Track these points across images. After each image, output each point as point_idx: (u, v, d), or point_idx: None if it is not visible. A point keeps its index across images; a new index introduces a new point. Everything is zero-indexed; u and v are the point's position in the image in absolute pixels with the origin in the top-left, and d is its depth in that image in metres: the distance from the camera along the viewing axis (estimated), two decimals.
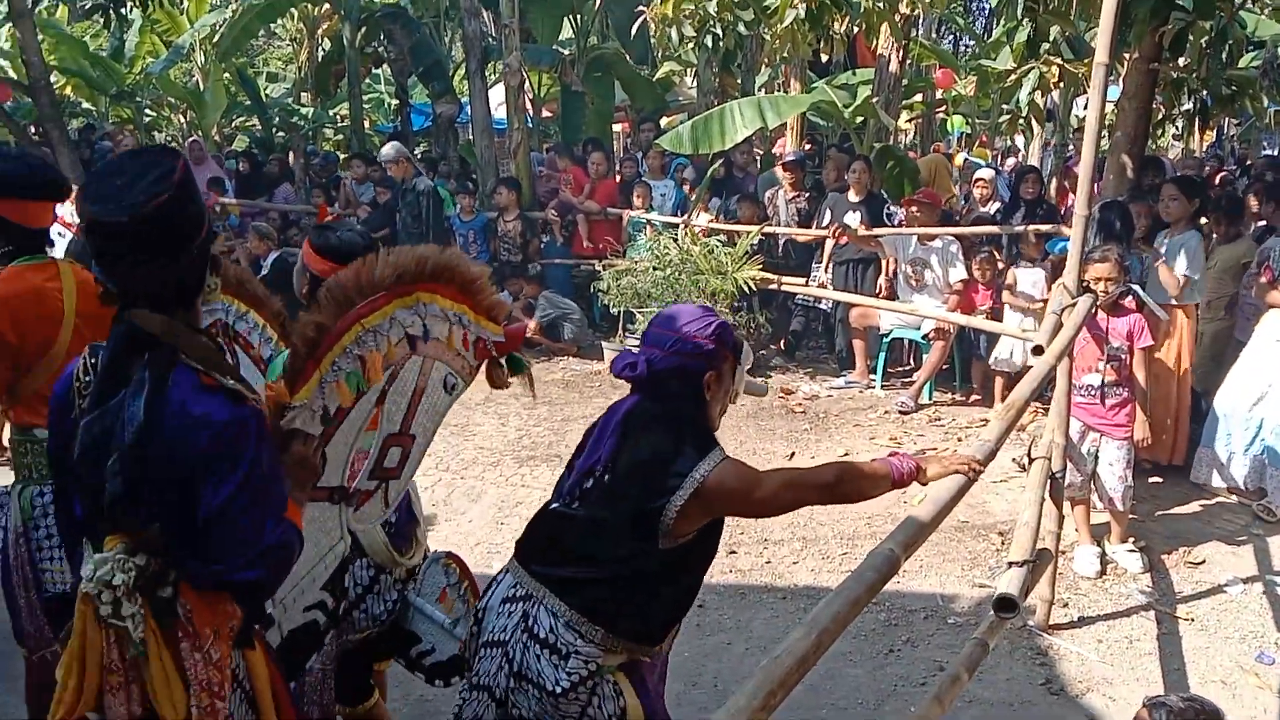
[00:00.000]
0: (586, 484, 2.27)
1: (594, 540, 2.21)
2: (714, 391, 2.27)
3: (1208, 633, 4.19)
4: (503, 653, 2.21)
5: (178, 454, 1.82)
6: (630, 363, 2.25)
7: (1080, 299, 4.02)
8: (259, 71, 22.20)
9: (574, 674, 2.15)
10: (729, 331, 2.30)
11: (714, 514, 2.22)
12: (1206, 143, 16.96)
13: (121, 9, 10.71)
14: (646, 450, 2.20)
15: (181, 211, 1.84)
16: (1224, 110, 7.08)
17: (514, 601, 2.25)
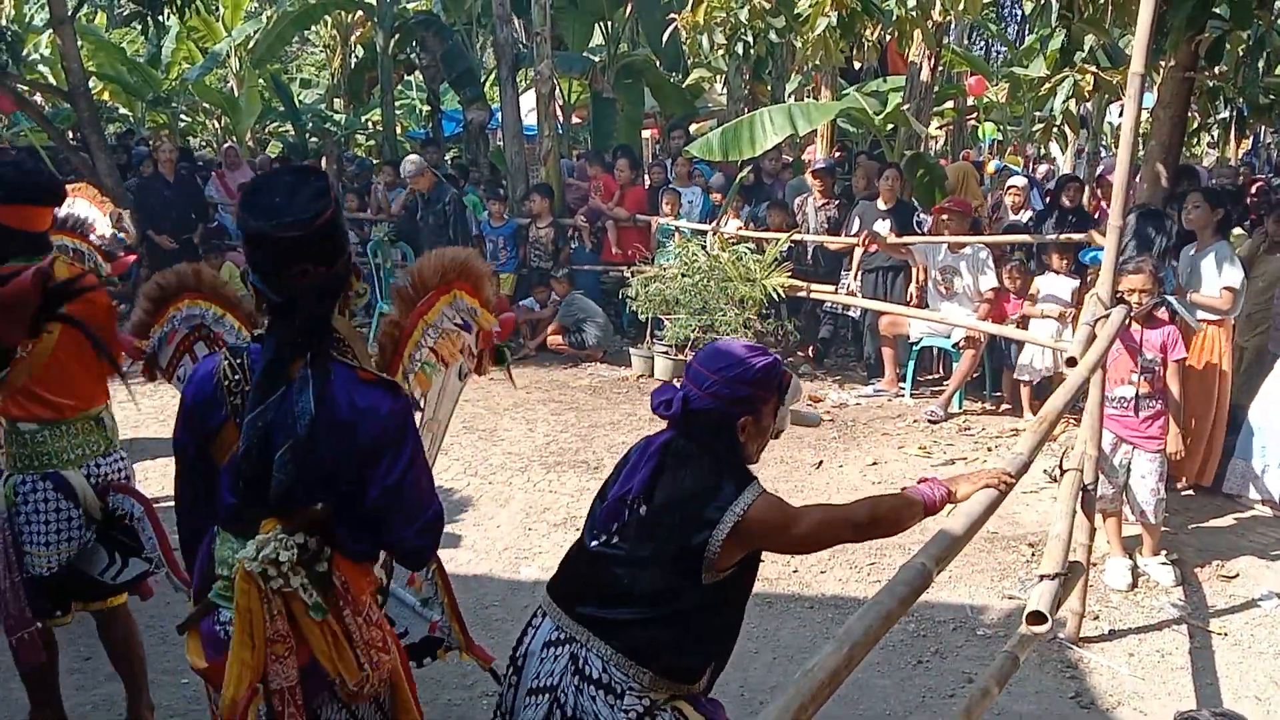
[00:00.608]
0: (623, 515, 2.24)
1: (635, 579, 2.17)
2: (749, 434, 2.22)
3: (1241, 647, 4.14)
4: (552, 698, 2.17)
5: (347, 443, 2.02)
6: (665, 400, 2.23)
7: (1114, 310, 3.98)
8: (293, 78, 22.44)
9: (630, 711, 2.12)
10: (773, 372, 2.23)
11: (752, 548, 2.18)
12: (1242, 151, 16.76)
13: (159, 16, 10.84)
14: (687, 484, 2.17)
15: (338, 223, 2.06)
16: (1261, 119, 7.01)
17: (558, 645, 2.21)
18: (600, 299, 9.48)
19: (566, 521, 5.34)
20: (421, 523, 2.12)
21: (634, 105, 14.15)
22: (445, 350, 2.55)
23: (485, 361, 2.76)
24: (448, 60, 13.73)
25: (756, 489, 2.15)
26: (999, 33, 20.23)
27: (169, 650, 3.99)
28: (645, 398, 7.81)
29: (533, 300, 9.54)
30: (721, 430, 2.19)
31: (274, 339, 2.04)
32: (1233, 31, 5.76)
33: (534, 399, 7.78)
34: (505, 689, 2.31)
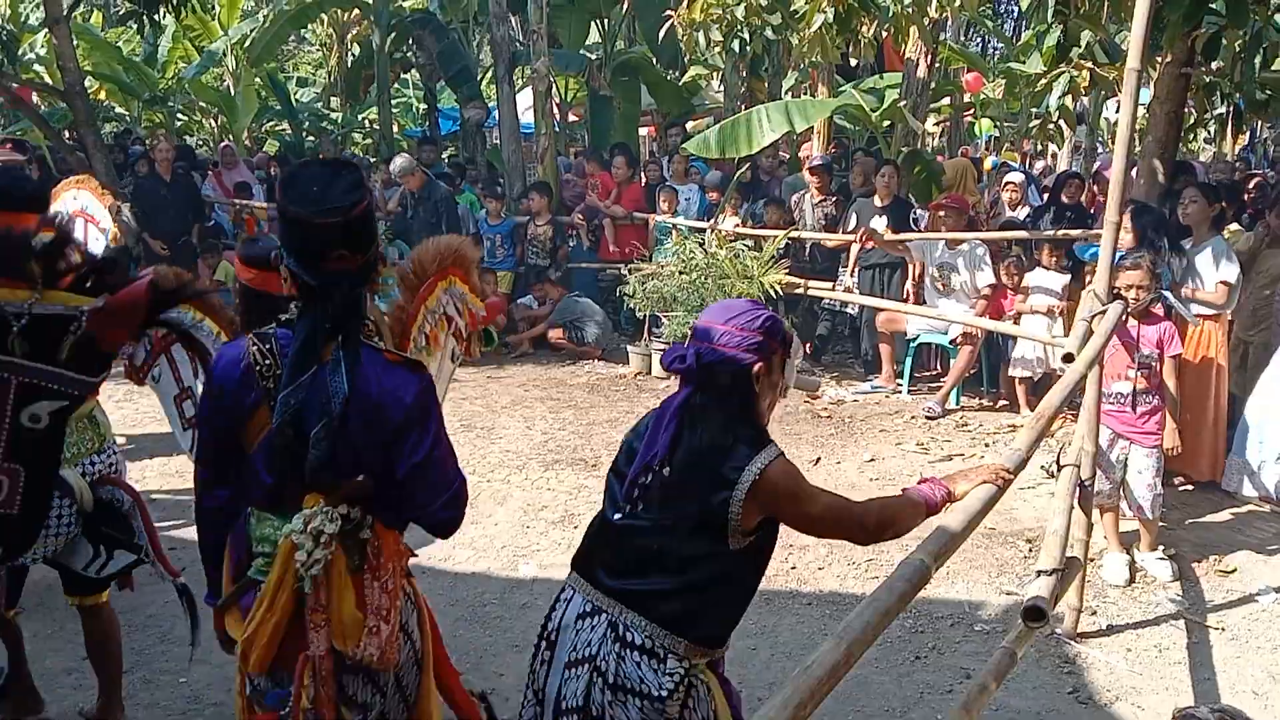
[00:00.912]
0: (645, 480, 2.23)
1: (664, 547, 2.19)
2: (763, 384, 2.24)
3: (1239, 642, 4.15)
4: (592, 668, 2.18)
5: (378, 421, 2.12)
6: (679, 354, 2.23)
7: (1111, 306, 3.99)
8: (289, 76, 22.41)
9: (673, 674, 2.15)
10: (778, 324, 2.29)
11: (769, 512, 2.19)
12: (1238, 146, 16.77)
13: (155, 15, 10.81)
14: (704, 440, 2.19)
15: (372, 213, 2.19)
16: (1257, 114, 7.01)
17: (593, 615, 2.22)
18: (598, 297, 9.48)
19: (564, 519, 5.35)
20: (448, 495, 2.24)
21: (631, 103, 14.15)
22: (437, 334, 2.73)
23: (475, 343, 2.93)
24: (444, 59, 13.73)
25: (774, 450, 2.19)
26: (995, 29, 20.22)
27: (168, 650, 4.00)
28: (643, 395, 7.85)
29: (531, 298, 9.54)
30: (736, 381, 2.21)
31: (308, 321, 2.13)
32: (1229, 27, 5.75)
33: (532, 397, 7.78)
34: (538, 665, 2.32)
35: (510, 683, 3.80)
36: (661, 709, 2.14)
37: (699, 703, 2.20)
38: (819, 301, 8.50)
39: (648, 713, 2.14)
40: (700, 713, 2.20)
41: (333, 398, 2.08)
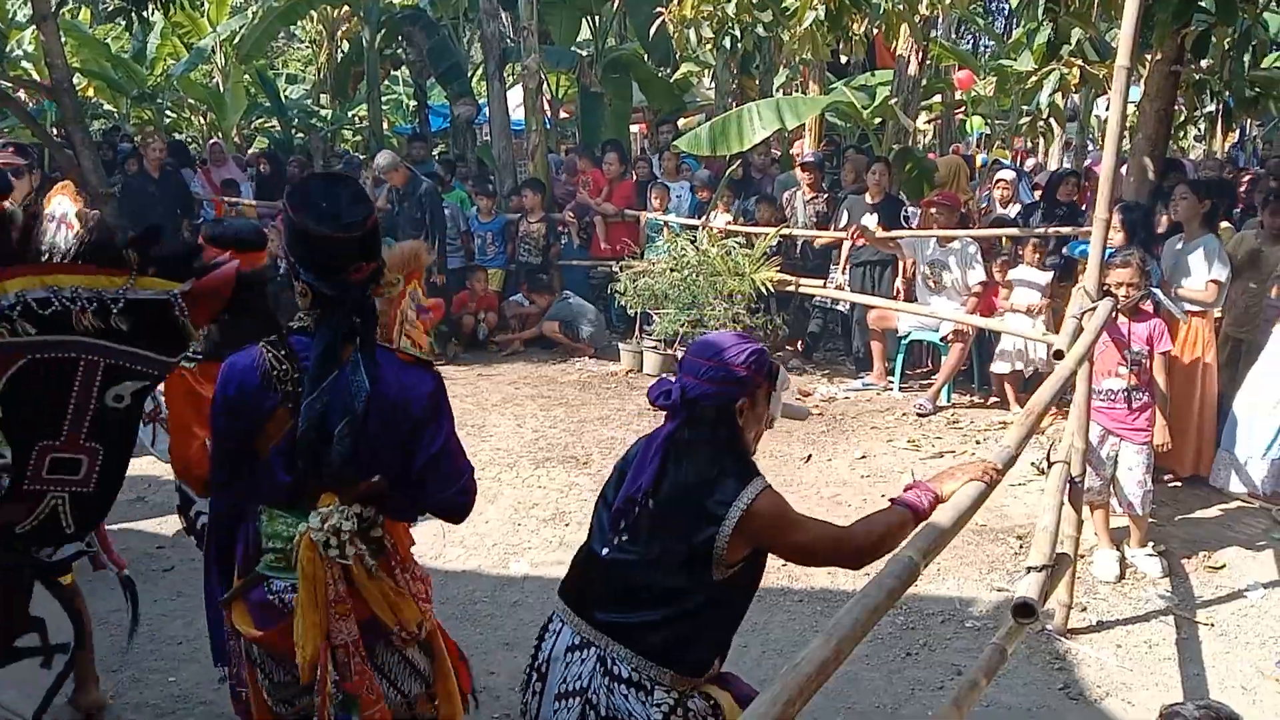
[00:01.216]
0: (632, 513, 2.25)
1: (649, 580, 2.21)
2: (746, 418, 2.27)
3: (1228, 638, 4.17)
4: (583, 700, 2.21)
5: (396, 417, 2.25)
6: (665, 390, 2.29)
7: (1100, 303, 4.00)
8: (278, 73, 22.30)
9: (661, 704, 2.19)
10: (764, 358, 2.31)
11: (756, 545, 2.21)
12: (1228, 144, 16.81)
13: (143, 12, 10.75)
14: (690, 475, 2.21)
15: (378, 222, 2.30)
16: (1247, 111, 7.03)
17: (582, 649, 2.26)
18: (589, 294, 9.48)
19: (555, 517, 5.34)
20: (461, 483, 2.36)
21: (622, 100, 14.12)
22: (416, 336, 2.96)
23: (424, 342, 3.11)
24: (434, 55, 13.68)
25: (761, 483, 2.20)
26: (986, 26, 20.25)
27: (156, 649, 3.98)
28: (634, 392, 7.84)
29: (522, 296, 9.53)
30: (721, 416, 2.24)
31: (328, 328, 2.23)
32: (1218, 25, 5.77)
33: (522, 394, 7.77)
34: (529, 696, 2.35)
35: (502, 680, 3.79)
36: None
37: (698, 714, 2.24)
38: (810, 299, 8.51)
39: None
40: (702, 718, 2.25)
41: (355, 397, 2.19)
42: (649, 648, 2.20)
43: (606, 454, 6.31)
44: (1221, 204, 6.29)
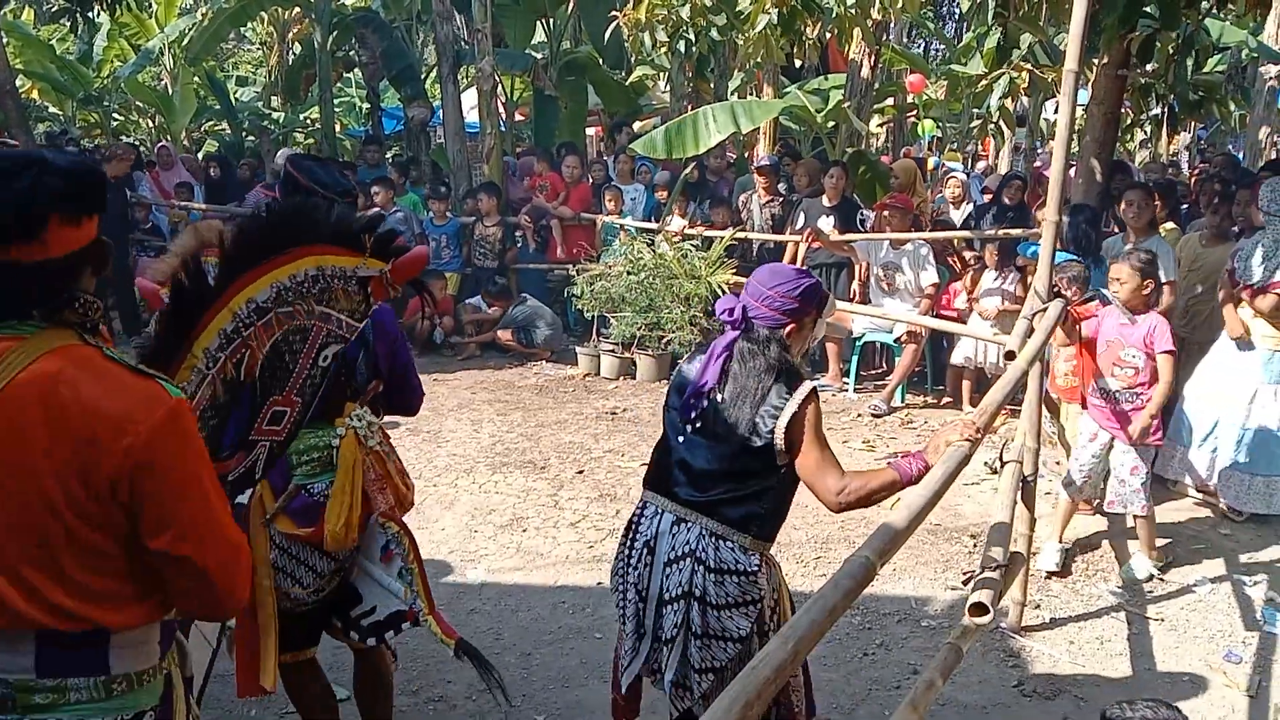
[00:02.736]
0: (700, 405, 2.70)
1: (724, 465, 2.65)
2: (795, 339, 2.73)
3: (1177, 632, 4.24)
4: (694, 559, 2.64)
5: (384, 335, 2.88)
6: (729, 307, 2.71)
7: (1051, 304, 4.04)
8: (229, 75, 22.05)
9: (755, 554, 2.66)
10: (818, 289, 2.76)
11: (795, 439, 2.61)
12: (1174, 147, 17.15)
13: (89, 13, 10.57)
14: (749, 381, 2.65)
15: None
16: (1191, 115, 7.18)
17: (684, 522, 2.69)
18: (546, 298, 9.44)
19: (513, 523, 5.31)
20: (420, 388, 3.16)
21: (577, 103, 14.11)
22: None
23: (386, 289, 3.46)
24: (388, 57, 13.57)
25: (807, 388, 2.64)
26: (937, 31, 20.51)
27: None
28: (592, 396, 7.83)
29: (479, 300, 9.47)
30: (773, 335, 2.68)
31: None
32: (1162, 30, 5.88)
33: (479, 399, 7.72)
34: (639, 570, 2.75)
35: (459, 690, 3.76)
36: (754, 579, 2.64)
37: (772, 572, 2.77)
38: None
39: (744, 585, 2.63)
40: (774, 580, 2.77)
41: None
42: (729, 519, 2.65)
43: (565, 458, 6.28)
44: (1165, 206, 6.40)
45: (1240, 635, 4.19)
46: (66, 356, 1.66)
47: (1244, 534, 5.18)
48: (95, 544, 1.67)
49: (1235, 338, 5.30)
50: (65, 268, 1.67)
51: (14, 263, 1.62)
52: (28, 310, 1.66)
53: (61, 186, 1.64)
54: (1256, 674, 3.90)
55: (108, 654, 1.72)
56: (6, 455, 1.61)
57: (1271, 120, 11.90)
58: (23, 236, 1.61)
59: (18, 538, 1.63)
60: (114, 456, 1.63)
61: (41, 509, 1.62)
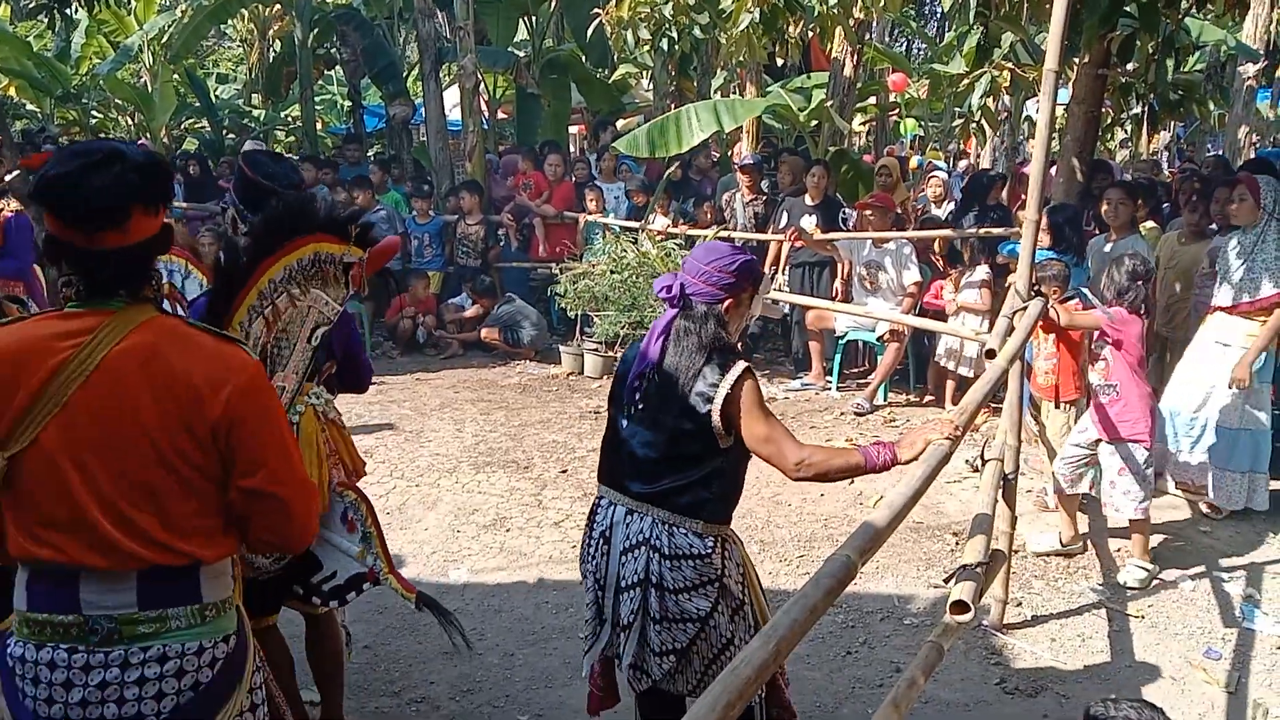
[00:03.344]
0: (641, 386, 2.74)
1: (666, 451, 2.69)
2: (732, 314, 2.76)
3: (1158, 629, 4.26)
4: (648, 547, 2.69)
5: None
6: (666, 285, 2.75)
7: (1031, 303, 4.06)
8: (209, 73, 21.88)
9: (709, 538, 2.70)
10: (752, 266, 2.80)
11: (734, 418, 2.63)
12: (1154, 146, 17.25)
13: (67, 9, 10.46)
14: (683, 358, 2.68)
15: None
16: (1171, 114, 7.21)
17: (637, 513, 2.73)
18: (529, 297, 9.42)
19: (496, 523, 5.29)
20: (369, 369, 3.35)
21: (560, 101, 14.06)
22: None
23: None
24: (369, 55, 13.50)
25: (741, 366, 2.66)
26: (919, 30, 20.56)
27: None
28: (575, 395, 7.81)
29: (462, 298, 9.44)
30: (710, 310, 2.71)
31: None
32: (1143, 30, 5.91)
33: (462, 399, 7.69)
34: (596, 559, 2.82)
35: (441, 690, 3.74)
36: (709, 562, 2.68)
37: (731, 551, 2.78)
38: None
39: (700, 568, 2.67)
40: (734, 558, 2.79)
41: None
42: (679, 507, 2.68)
43: (548, 458, 6.27)
44: (1148, 205, 6.43)
45: (1220, 632, 4.22)
46: (156, 328, 1.93)
47: (1224, 531, 5.21)
48: (197, 487, 1.94)
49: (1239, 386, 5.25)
50: (144, 252, 1.93)
51: (104, 250, 1.86)
52: (115, 290, 1.91)
53: (140, 180, 1.86)
54: (1236, 670, 3.92)
55: (200, 584, 1.97)
56: (115, 416, 1.86)
57: (1250, 119, 12.00)
58: (111, 226, 1.84)
59: (128, 486, 1.88)
60: (214, 410, 1.90)
61: (151, 460, 1.88)
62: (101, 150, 1.85)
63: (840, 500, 5.55)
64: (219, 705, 2.00)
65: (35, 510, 1.87)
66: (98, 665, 1.89)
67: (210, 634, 1.99)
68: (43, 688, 1.89)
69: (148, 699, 1.91)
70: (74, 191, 1.81)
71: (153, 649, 1.91)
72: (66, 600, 1.89)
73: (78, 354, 1.85)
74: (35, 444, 1.85)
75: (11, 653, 1.93)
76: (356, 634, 4.12)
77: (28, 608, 1.92)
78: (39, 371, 1.84)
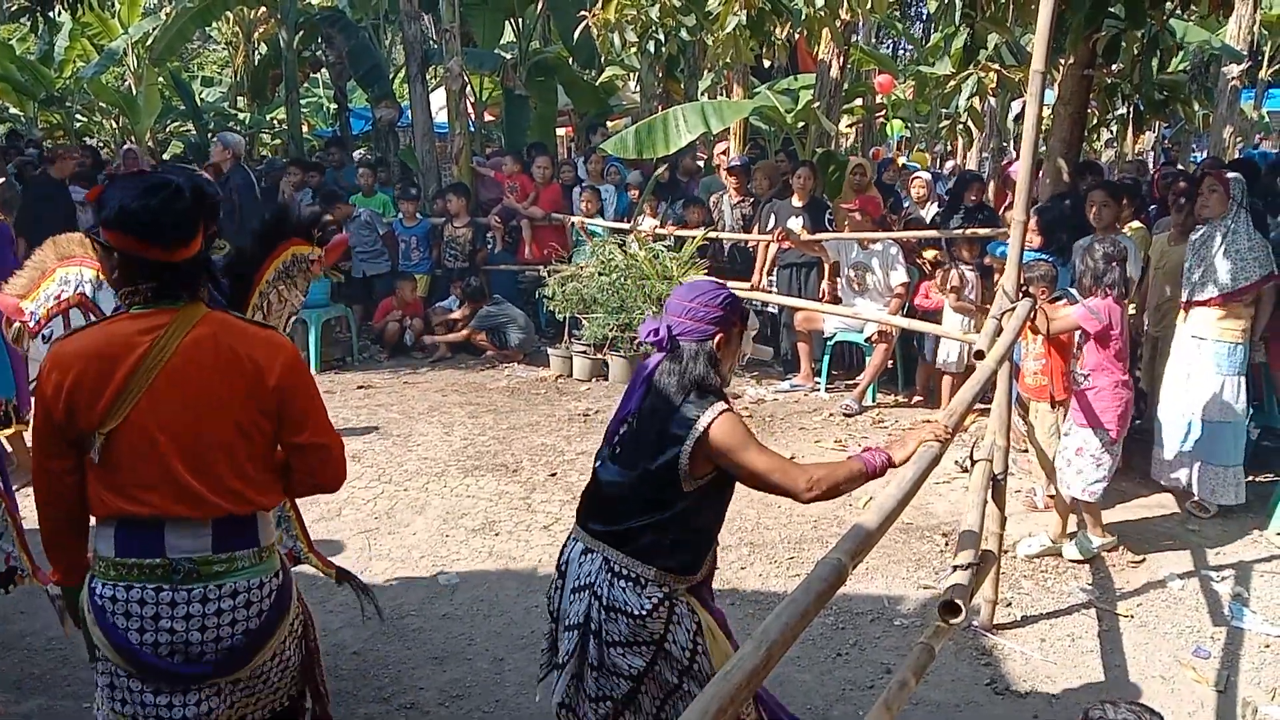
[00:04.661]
0: (621, 430, 2.66)
1: (632, 493, 2.57)
2: (724, 351, 2.64)
3: (1147, 629, 4.27)
4: (591, 593, 2.59)
5: None
6: (654, 329, 2.63)
7: (1019, 303, 4.06)
8: (194, 76, 21.83)
9: (652, 597, 2.55)
10: (737, 302, 2.69)
11: (715, 463, 2.51)
12: (1139, 147, 17.32)
13: (50, 12, 10.38)
14: (660, 400, 2.57)
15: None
16: (1156, 114, 7.24)
17: (590, 553, 2.64)
18: (518, 299, 9.40)
19: (485, 526, 5.27)
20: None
21: (547, 103, 14.06)
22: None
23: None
24: (354, 57, 13.47)
25: (719, 408, 2.52)
26: (905, 31, 20.62)
27: (71, 673, 3.83)
28: (564, 398, 7.79)
29: (450, 301, 9.41)
30: (702, 348, 2.59)
31: None
32: (1128, 30, 5.93)
33: (450, 402, 7.67)
34: (553, 591, 2.76)
35: (430, 696, 3.72)
36: (644, 624, 2.54)
37: (681, 619, 2.59)
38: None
39: (634, 628, 2.55)
40: (684, 627, 2.60)
41: None
42: (638, 549, 2.56)
43: (537, 461, 6.25)
44: (1132, 205, 6.45)
45: (1209, 631, 4.23)
46: (214, 320, 2.35)
47: (1212, 530, 5.23)
48: (258, 446, 2.37)
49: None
50: (200, 260, 2.35)
51: (177, 262, 2.28)
52: (180, 294, 2.31)
53: (203, 206, 2.30)
54: (1225, 669, 3.93)
55: (258, 531, 2.39)
56: (194, 392, 2.27)
57: (1234, 120, 12.06)
58: (183, 244, 2.27)
59: (214, 449, 2.29)
60: (271, 381, 2.33)
61: (224, 425, 2.30)
62: (169, 184, 2.26)
63: (830, 502, 5.54)
64: (274, 629, 2.41)
65: (129, 473, 2.25)
66: (181, 601, 2.27)
67: (266, 571, 2.40)
68: (134, 620, 2.27)
69: (224, 626, 2.31)
70: (157, 219, 2.23)
71: (226, 585, 2.31)
72: (154, 546, 2.27)
73: (155, 344, 2.25)
74: (128, 420, 2.23)
75: (101, 593, 2.30)
76: (345, 639, 4.10)
77: (116, 555, 2.28)
78: (127, 361, 2.23)
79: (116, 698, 2.36)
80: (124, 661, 2.31)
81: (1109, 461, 4.73)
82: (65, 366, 2.25)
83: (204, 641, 2.29)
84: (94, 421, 2.24)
